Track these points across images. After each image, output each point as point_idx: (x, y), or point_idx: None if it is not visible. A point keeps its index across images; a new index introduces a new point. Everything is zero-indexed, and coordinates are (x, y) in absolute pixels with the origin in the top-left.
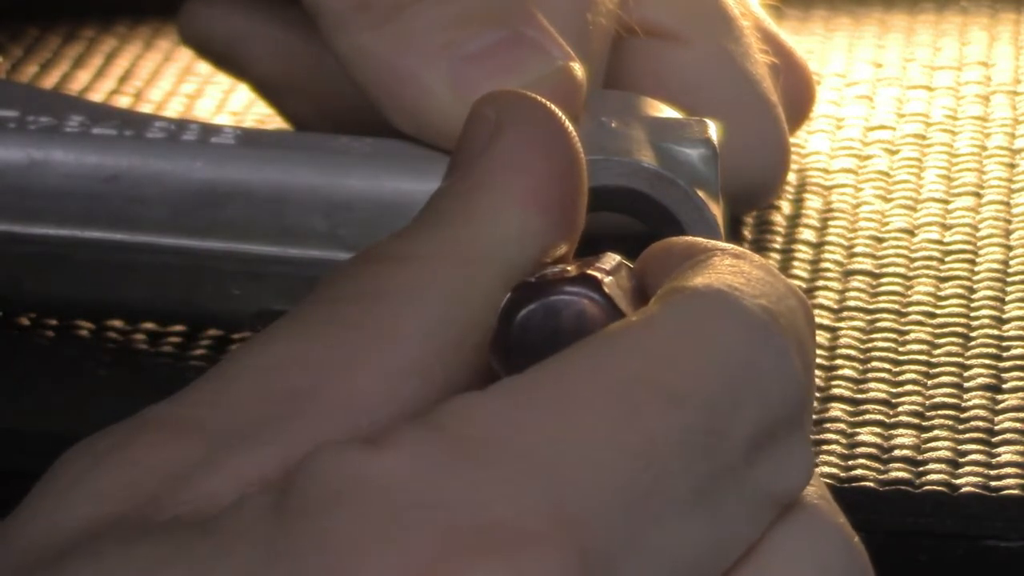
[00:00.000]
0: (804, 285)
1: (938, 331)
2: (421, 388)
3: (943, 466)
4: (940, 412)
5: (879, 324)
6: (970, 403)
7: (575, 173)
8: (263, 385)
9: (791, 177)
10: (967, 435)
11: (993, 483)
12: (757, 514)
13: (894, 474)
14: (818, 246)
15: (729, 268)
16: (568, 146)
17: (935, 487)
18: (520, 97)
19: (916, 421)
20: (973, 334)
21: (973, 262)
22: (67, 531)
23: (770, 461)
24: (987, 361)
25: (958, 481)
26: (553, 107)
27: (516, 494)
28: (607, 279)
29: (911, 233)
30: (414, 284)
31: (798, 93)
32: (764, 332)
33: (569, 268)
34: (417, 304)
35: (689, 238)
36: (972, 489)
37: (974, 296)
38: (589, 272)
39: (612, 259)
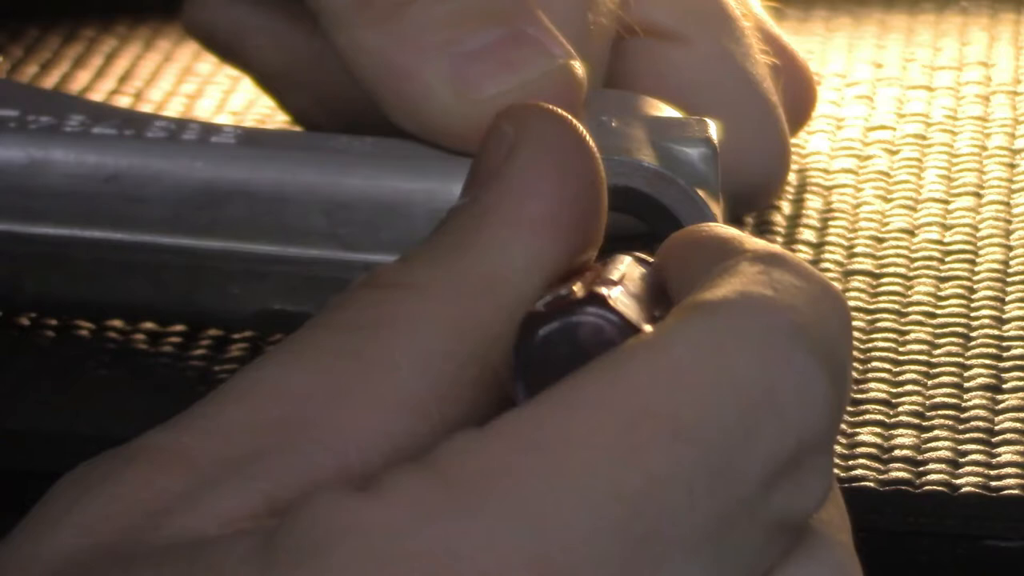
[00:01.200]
0: None
1: (938, 331)
2: (415, 424)
3: (943, 466)
4: (940, 412)
5: (879, 324)
6: (970, 403)
7: (593, 192)
8: (254, 416)
9: (791, 177)
10: (967, 435)
11: (993, 483)
12: (768, 543)
13: (894, 474)
14: (818, 246)
15: (757, 276)
16: (587, 163)
17: (935, 487)
18: (539, 112)
19: (916, 421)
20: (973, 334)
21: (973, 262)
22: (50, 562)
23: (787, 488)
24: (987, 361)
25: (958, 481)
26: (573, 122)
27: (506, 545)
28: (614, 293)
29: (911, 233)
30: (412, 315)
31: (799, 94)
32: (788, 353)
33: (575, 288)
34: (414, 336)
35: (717, 230)
36: (972, 489)
37: (974, 296)
38: (596, 291)
39: (621, 263)
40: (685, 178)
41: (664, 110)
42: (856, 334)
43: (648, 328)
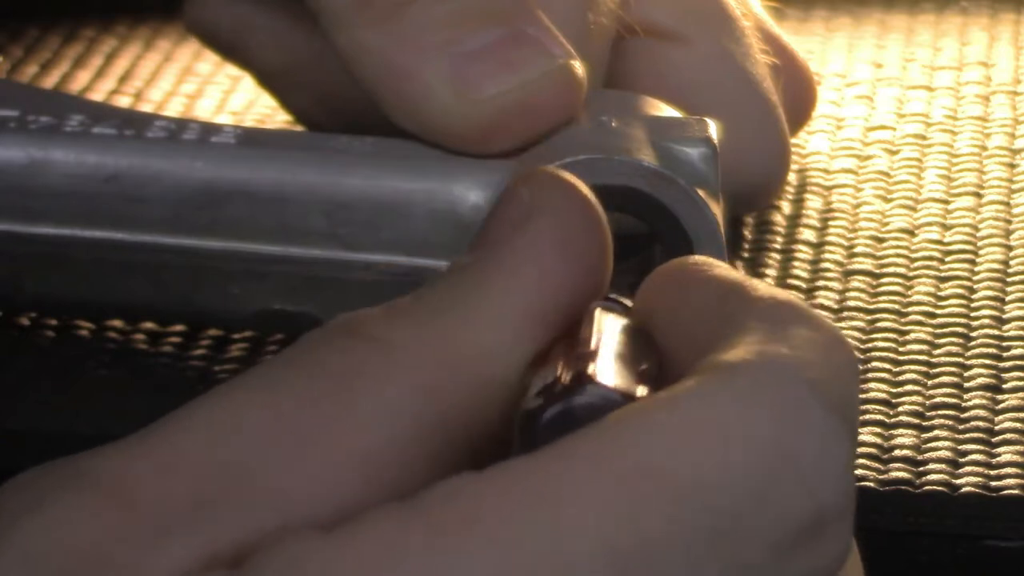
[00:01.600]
0: (804, 285)
1: (938, 331)
2: (371, 480)
3: (943, 466)
4: (940, 412)
5: (879, 324)
6: (970, 403)
7: (598, 272)
8: (210, 452)
9: (791, 177)
10: (967, 435)
11: (993, 483)
12: None
13: (894, 474)
14: (818, 246)
15: (771, 332)
16: (597, 245)
17: (935, 487)
18: (559, 184)
19: (916, 421)
20: (973, 334)
21: (973, 262)
22: None
23: (805, 554)
24: (987, 361)
25: (958, 481)
26: (590, 199)
27: None
28: (600, 367)
29: (911, 233)
30: (385, 373)
31: (799, 94)
32: (808, 413)
33: (560, 374)
34: (384, 395)
35: (710, 273)
36: (972, 489)
37: (974, 296)
38: (583, 372)
39: (596, 323)
40: (685, 178)
41: (664, 110)
42: (856, 334)
43: (641, 389)
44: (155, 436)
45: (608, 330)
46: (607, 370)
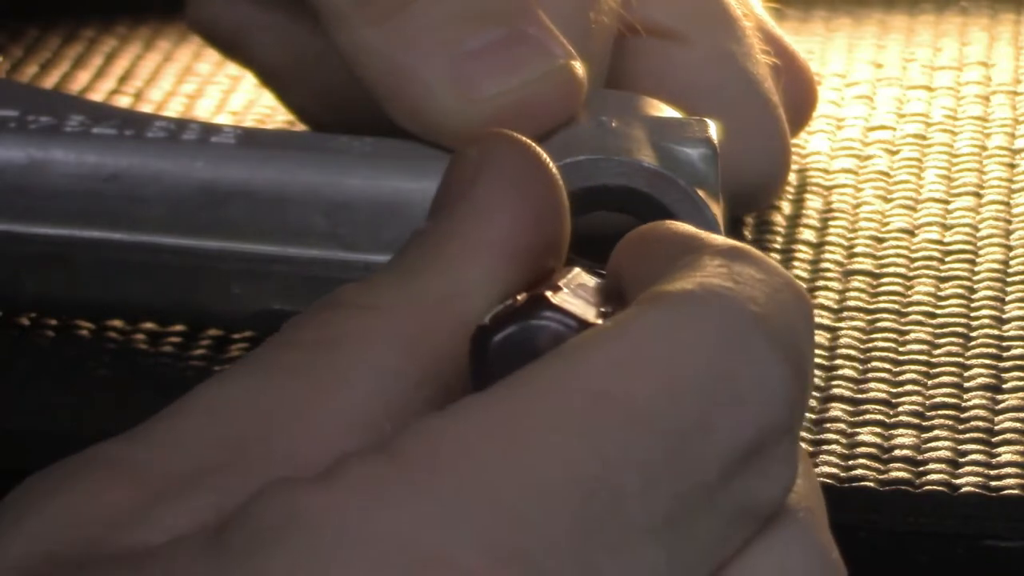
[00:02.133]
0: (804, 285)
1: (938, 331)
2: (367, 441)
3: (943, 466)
4: (940, 412)
5: (879, 324)
6: (970, 403)
7: (554, 215)
8: (206, 431)
9: (791, 177)
10: (967, 435)
11: (993, 483)
12: (730, 532)
13: (894, 474)
14: (818, 246)
15: (717, 269)
16: (548, 189)
17: (935, 487)
18: (503, 139)
19: (916, 421)
20: (973, 334)
21: (973, 262)
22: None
23: (750, 475)
24: (987, 361)
25: (958, 481)
26: (535, 148)
27: (457, 527)
28: (560, 294)
29: (911, 233)
30: (368, 334)
31: (799, 95)
32: (747, 341)
33: (519, 298)
34: (367, 355)
35: (674, 227)
36: (972, 489)
37: (974, 296)
38: (539, 294)
39: (568, 272)
40: (685, 178)
41: (664, 110)
42: (856, 334)
43: (599, 323)
44: (159, 422)
45: (575, 279)
46: (566, 299)
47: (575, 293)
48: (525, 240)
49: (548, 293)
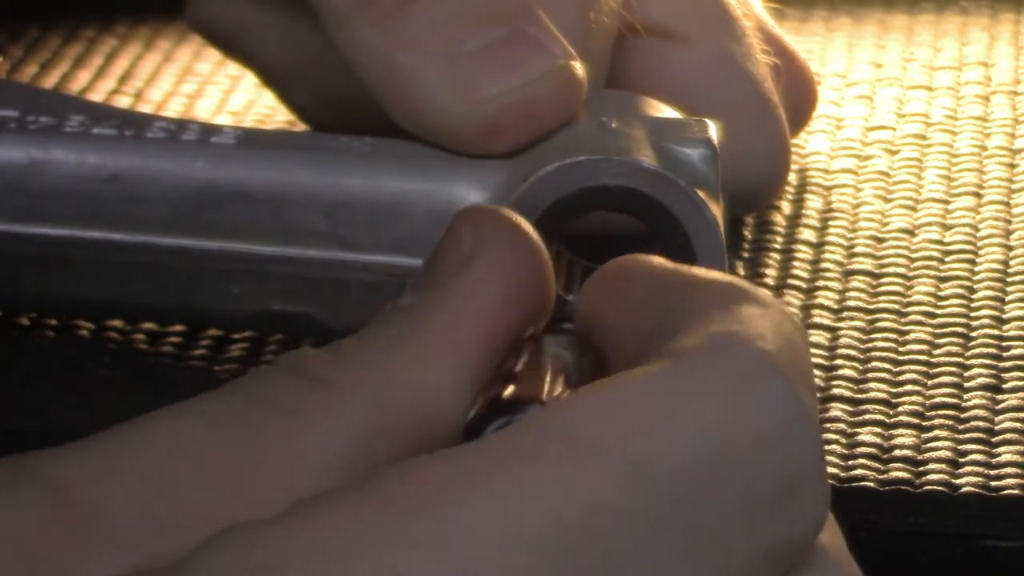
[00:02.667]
0: (804, 285)
1: (938, 331)
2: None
3: (943, 466)
4: (940, 412)
5: (879, 324)
6: (970, 403)
7: (540, 293)
8: (151, 473)
9: (791, 177)
10: (967, 435)
11: (993, 483)
12: (759, 571)
13: (894, 474)
14: (818, 246)
15: (718, 314)
16: (536, 269)
17: (935, 487)
18: (498, 221)
19: (916, 421)
20: (973, 334)
21: (973, 262)
22: None
23: (775, 519)
24: (987, 361)
25: (958, 481)
26: (530, 234)
27: (429, 565)
28: (544, 381)
29: (911, 233)
30: (324, 414)
31: (799, 95)
32: (765, 383)
33: (502, 395)
34: (320, 435)
35: (644, 266)
36: (972, 489)
37: (974, 296)
38: (526, 393)
39: (539, 344)
40: (685, 178)
41: (664, 110)
42: (856, 334)
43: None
44: (98, 444)
45: (548, 348)
46: (522, 387)
47: (554, 368)
48: (507, 340)
49: (506, 392)
